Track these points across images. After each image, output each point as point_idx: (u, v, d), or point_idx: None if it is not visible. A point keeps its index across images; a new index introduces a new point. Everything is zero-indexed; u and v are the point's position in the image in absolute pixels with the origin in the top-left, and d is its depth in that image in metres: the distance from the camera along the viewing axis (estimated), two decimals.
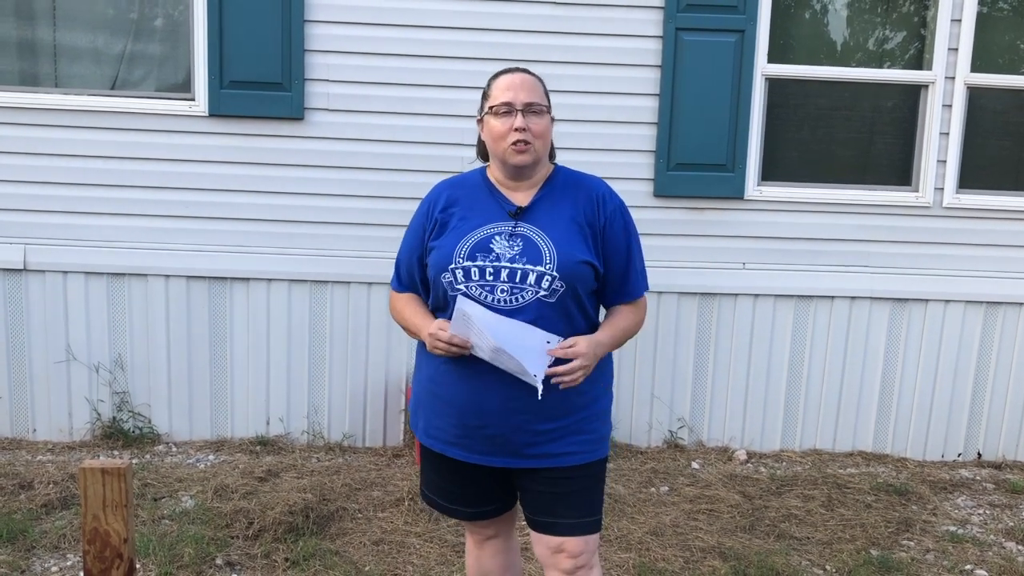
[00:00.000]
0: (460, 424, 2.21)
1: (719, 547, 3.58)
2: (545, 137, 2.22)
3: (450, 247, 2.18)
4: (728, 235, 4.64)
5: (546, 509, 2.25)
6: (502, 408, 2.15)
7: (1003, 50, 4.67)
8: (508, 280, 2.12)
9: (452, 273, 2.15)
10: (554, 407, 2.16)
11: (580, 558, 2.24)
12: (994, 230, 4.70)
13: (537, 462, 2.21)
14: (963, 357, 4.77)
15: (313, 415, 4.64)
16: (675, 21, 4.44)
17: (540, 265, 2.13)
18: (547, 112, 2.22)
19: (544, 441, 2.19)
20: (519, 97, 2.18)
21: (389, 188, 4.49)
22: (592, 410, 2.25)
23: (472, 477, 2.30)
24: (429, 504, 2.47)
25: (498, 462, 2.22)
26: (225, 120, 4.42)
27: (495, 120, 2.20)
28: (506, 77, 2.22)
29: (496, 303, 2.12)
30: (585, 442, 2.23)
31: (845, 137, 4.72)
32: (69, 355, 4.50)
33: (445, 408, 2.23)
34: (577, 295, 2.17)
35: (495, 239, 2.17)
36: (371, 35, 4.41)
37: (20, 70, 4.44)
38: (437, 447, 2.29)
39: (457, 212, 2.24)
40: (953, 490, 4.38)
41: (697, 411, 4.78)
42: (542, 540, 2.28)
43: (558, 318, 2.15)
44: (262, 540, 3.46)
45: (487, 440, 2.19)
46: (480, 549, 2.52)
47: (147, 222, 4.46)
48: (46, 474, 3.95)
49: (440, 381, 2.24)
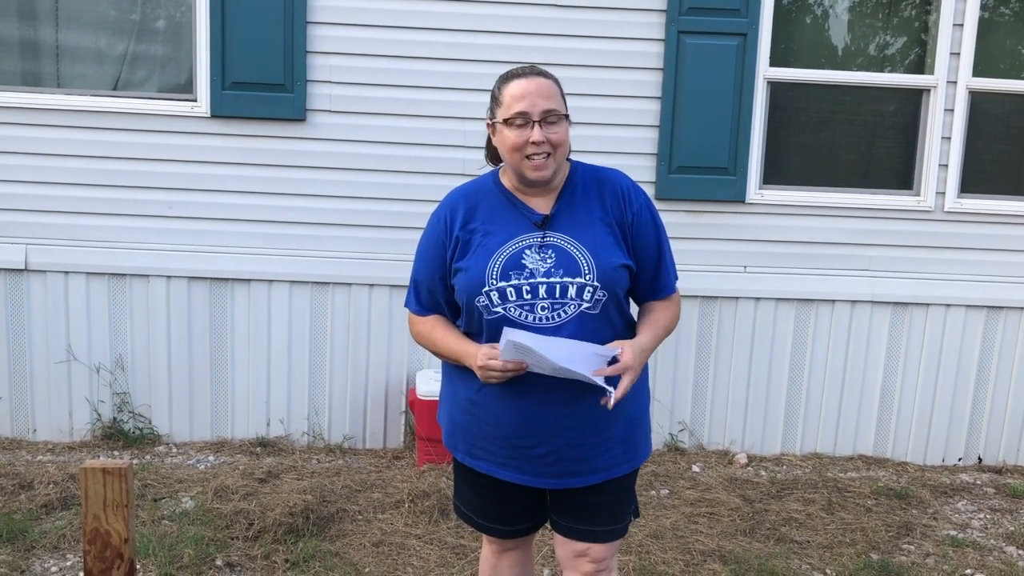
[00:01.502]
0: (509, 446, 2.14)
1: (719, 550, 3.58)
2: (565, 145, 2.09)
3: (480, 268, 2.05)
4: (729, 238, 4.64)
5: (579, 517, 2.21)
6: (553, 425, 2.08)
7: (1005, 55, 4.67)
8: (548, 296, 2.02)
9: (487, 296, 2.04)
10: (602, 418, 2.10)
11: (602, 563, 2.23)
12: (996, 234, 4.70)
13: (589, 479, 2.15)
14: (964, 361, 4.77)
15: (313, 416, 4.64)
16: (677, 24, 4.44)
17: (579, 276, 2.03)
18: (565, 118, 2.08)
19: (594, 455, 2.13)
20: (537, 106, 2.02)
21: (391, 190, 4.49)
22: (635, 410, 2.20)
23: (515, 497, 2.24)
24: (465, 520, 2.40)
25: (552, 484, 2.16)
26: (227, 121, 4.42)
27: (509, 131, 2.04)
28: (519, 82, 2.06)
29: (538, 322, 2.03)
30: (631, 450, 2.20)
31: (847, 141, 4.72)
32: (70, 355, 4.50)
33: (491, 431, 2.15)
34: (617, 300, 2.11)
35: (525, 253, 2.06)
36: (373, 36, 4.41)
37: (22, 70, 4.45)
38: (483, 468, 2.20)
39: (479, 227, 2.11)
40: (954, 494, 4.38)
41: (698, 414, 4.78)
42: (567, 544, 2.25)
43: (600, 326, 2.08)
44: (262, 541, 3.46)
45: (539, 460, 2.12)
46: (498, 559, 2.45)
47: (148, 223, 4.46)
48: (46, 474, 3.95)
49: (483, 404, 2.14)
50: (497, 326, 2.04)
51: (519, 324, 2.02)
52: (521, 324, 2.02)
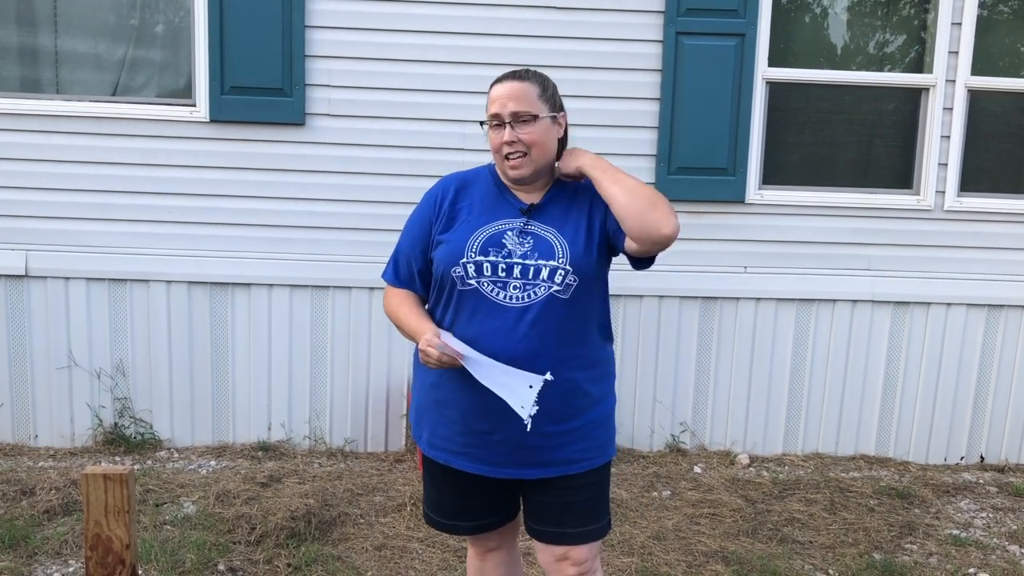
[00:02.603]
0: (467, 431, 2.18)
1: (721, 551, 3.58)
2: (542, 144, 2.16)
3: (461, 241, 2.14)
4: (729, 239, 4.64)
5: (553, 520, 2.23)
6: (510, 410, 2.11)
7: (1003, 53, 4.68)
8: (521, 276, 2.10)
9: (463, 268, 2.12)
10: (562, 408, 2.14)
11: (584, 564, 2.24)
12: (996, 233, 4.70)
13: (548, 471, 2.18)
14: (965, 360, 4.77)
15: (315, 420, 4.64)
16: (675, 25, 4.44)
17: (553, 260, 2.11)
18: (539, 118, 2.14)
19: (554, 446, 2.16)
20: (506, 108, 2.13)
21: (390, 193, 4.49)
22: (598, 412, 2.23)
23: (476, 488, 2.27)
24: (428, 523, 2.42)
25: (507, 473, 2.19)
26: (226, 126, 4.42)
27: (491, 132, 2.18)
28: (497, 87, 2.17)
29: (508, 300, 2.10)
30: (591, 448, 2.21)
31: (846, 141, 4.72)
32: (71, 361, 4.50)
33: (450, 415, 2.20)
34: (591, 290, 2.16)
35: (507, 235, 2.15)
36: (371, 40, 4.41)
37: (22, 76, 4.45)
38: (442, 458, 2.25)
39: (466, 207, 2.21)
40: (956, 494, 4.38)
41: (699, 415, 4.78)
42: (547, 549, 2.26)
43: (569, 315, 2.12)
44: (264, 545, 3.46)
45: (496, 447, 2.16)
46: (483, 561, 2.47)
47: (148, 228, 4.46)
48: (48, 480, 3.95)
49: (444, 387, 2.20)
50: (468, 300, 2.13)
51: (490, 299, 2.10)
52: (492, 300, 2.10)
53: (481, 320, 2.12)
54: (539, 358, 2.10)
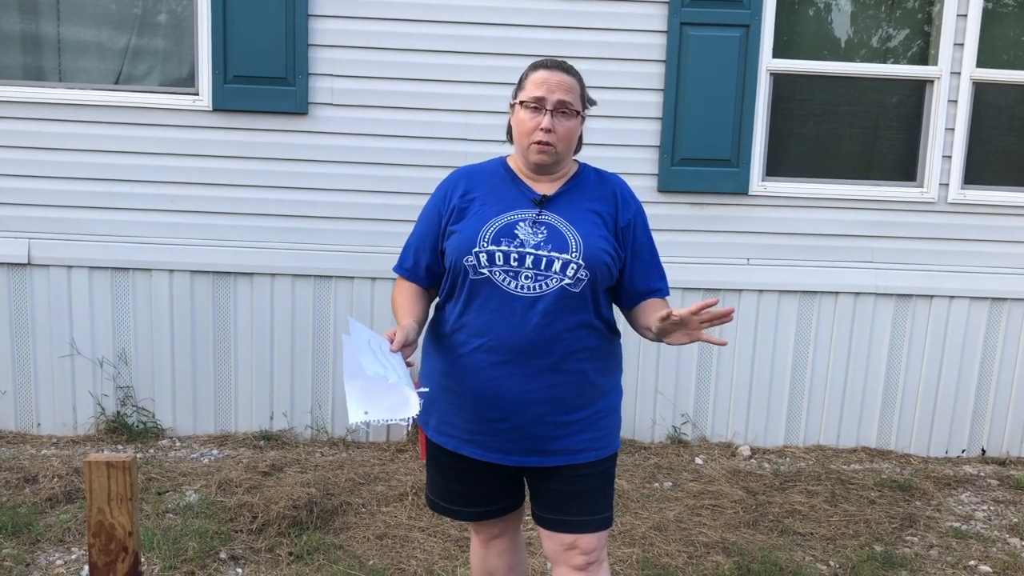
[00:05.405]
0: (477, 418, 2.18)
1: (723, 542, 3.58)
2: (570, 139, 2.18)
3: (473, 230, 2.14)
4: (732, 230, 4.63)
5: (560, 507, 2.23)
6: (520, 399, 2.12)
7: (1009, 45, 4.66)
8: (533, 267, 2.10)
9: (476, 257, 2.12)
10: (572, 399, 2.16)
11: (592, 554, 2.23)
12: (999, 226, 4.69)
13: (555, 459, 2.19)
14: (967, 353, 4.77)
15: (317, 410, 4.64)
16: (680, 16, 4.42)
17: (566, 253, 2.11)
18: (578, 115, 2.18)
19: (562, 436, 2.17)
20: (554, 95, 2.13)
21: (393, 183, 4.48)
22: (605, 403, 2.25)
23: (483, 475, 2.27)
24: (432, 508, 2.43)
25: (515, 461, 2.20)
26: (229, 115, 4.42)
27: (524, 112, 2.16)
28: (544, 72, 2.17)
29: (520, 290, 2.11)
30: (599, 439, 2.23)
31: (850, 132, 4.70)
32: (73, 349, 4.51)
33: (460, 402, 2.20)
34: (597, 287, 2.16)
35: (519, 225, 2.15)
36: (375, 29, 4.40)
37: (24, 64, 4.45)
38: (451, 445, 2.25)
39: (478, 198, 2.21)
40: (957, 486, 4.38)
41: (701, 407, 4.78)
42: (554, 537, 2.26)
43: (577, 306, 2.14)
44: (266, 534, 3.46)
45: (504, 435, 2.17)
46: (486, 548, 2.48)
47: (151, 216, 4.46)
48: (50, 468, 3.96)
49: (454, 375, 2.20)
50: (480, 289, 2.13)
51: (502, 289, 2.11)
52: (504, 289, 2.11)
53: (493, 309, 2.13)
54: (550, 348, 2.11)
